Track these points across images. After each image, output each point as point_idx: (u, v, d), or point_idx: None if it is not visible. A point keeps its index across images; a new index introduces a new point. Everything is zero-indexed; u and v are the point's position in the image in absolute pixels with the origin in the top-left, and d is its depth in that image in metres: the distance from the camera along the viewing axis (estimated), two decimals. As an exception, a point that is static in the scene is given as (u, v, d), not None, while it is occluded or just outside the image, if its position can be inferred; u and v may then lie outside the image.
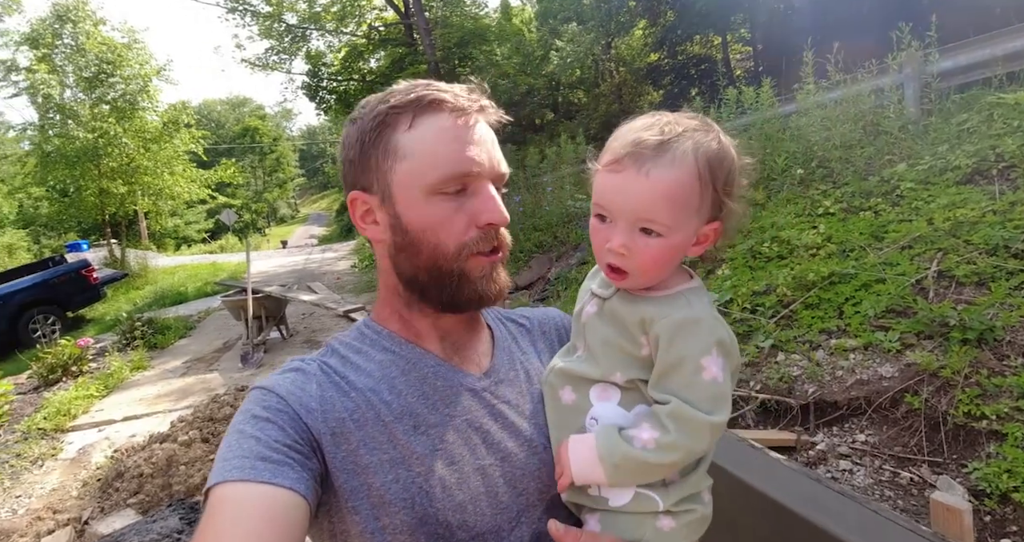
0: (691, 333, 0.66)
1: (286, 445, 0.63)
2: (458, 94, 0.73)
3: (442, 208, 0.71)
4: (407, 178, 0.72)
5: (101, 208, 15.88)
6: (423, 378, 0.75)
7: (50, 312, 10.24)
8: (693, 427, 0.64)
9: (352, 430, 0.69)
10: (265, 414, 0.66)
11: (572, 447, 0.71)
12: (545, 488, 0.75)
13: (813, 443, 2.79)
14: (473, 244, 0.72)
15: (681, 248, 0.70)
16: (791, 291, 3.62)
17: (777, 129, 5.27)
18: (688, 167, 0.66)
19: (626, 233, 0.68)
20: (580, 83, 17.36)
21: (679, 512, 0.70)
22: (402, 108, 0.72)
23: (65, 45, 14.97)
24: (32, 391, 6.82)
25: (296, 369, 0.75)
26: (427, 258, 0.73)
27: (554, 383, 0.78)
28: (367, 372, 0.75)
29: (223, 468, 0.60)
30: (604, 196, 0.70)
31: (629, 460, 0.66)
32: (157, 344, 8.65)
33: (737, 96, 5.85)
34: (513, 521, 0.72)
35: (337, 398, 0.71)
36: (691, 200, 0.67)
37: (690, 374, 0.65)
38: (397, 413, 0.71)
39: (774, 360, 3.31)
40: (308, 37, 13.48)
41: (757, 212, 4.85)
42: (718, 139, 0.69)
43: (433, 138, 0.71)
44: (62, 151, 14.41)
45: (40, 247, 24.09)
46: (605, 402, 0.73)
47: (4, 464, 4.74)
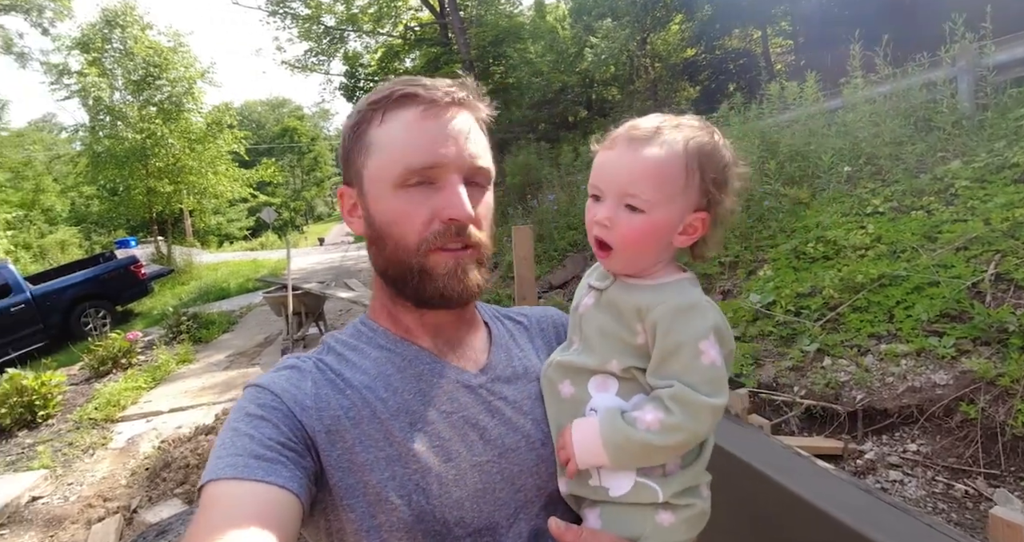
0: (688, 318, 0.68)
1: (280, 443, 0.63)
2: (432, 88, 0.73)
3: (406, 201, 0.71)
4: (376, 172, 0.73)
5: (148, 206, 16.47)
6: (419, 375, 0.75)
7: (100, 306, 10.66)
8: (696, 409, 0.66)
9: (348, 428, 0.69)
10: (259, 412, 0.66)
11: (576, 430, 0.72)
12: (543, 484, 0.75)
13: (861, 452, 2.70)
14: (434, 238, 0.71)
15: (664, 230, 0.71)
16: (838, 293, 3.50)
17: (822, 125, 5.11)
18: (675, 150, 0.70)
19: (612, 207, 0.71)
20: (614, 80, 17.14)
21: (679, 506, 0.71)
22: (377, 103, 0.73)
23: (114, 49, 15.56)
24: (84, 382, 7.13)
25: (292, 367, 0.75)
26: (391, 252, 0.74)
27: (552, 377, 0.78)
28: (363, 369, 0.75)
29: (217, 466, 0.60)
30: (597, 172, 0.74)
31: (632, 442, 0.67)
32: (202, 338, 8.93)
33: (780, 91, 5.69)
34: (511, 517, 0.71)
35: (333, 396, 0.71)
36: (675, 181, 0.70)
37: (689, 358, 0.67)
38: (393, 410, 0.71)
39: (820, 365, 3.22)
40: (346, 38, 13.71)
41: (801, 211, 4.72)
42: (713, 136, 0.73)
43: (399, 131, 0.71)
44: (111, 151, 15.00)
45: (91, 243, 25.13)
46: (603, 393, 0.73)
47: (57, 452, 4.96)
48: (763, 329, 3.77)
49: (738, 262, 4.81)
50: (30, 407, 5.67)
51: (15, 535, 3.70)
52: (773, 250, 4.52)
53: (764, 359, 3.58)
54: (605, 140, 0.75)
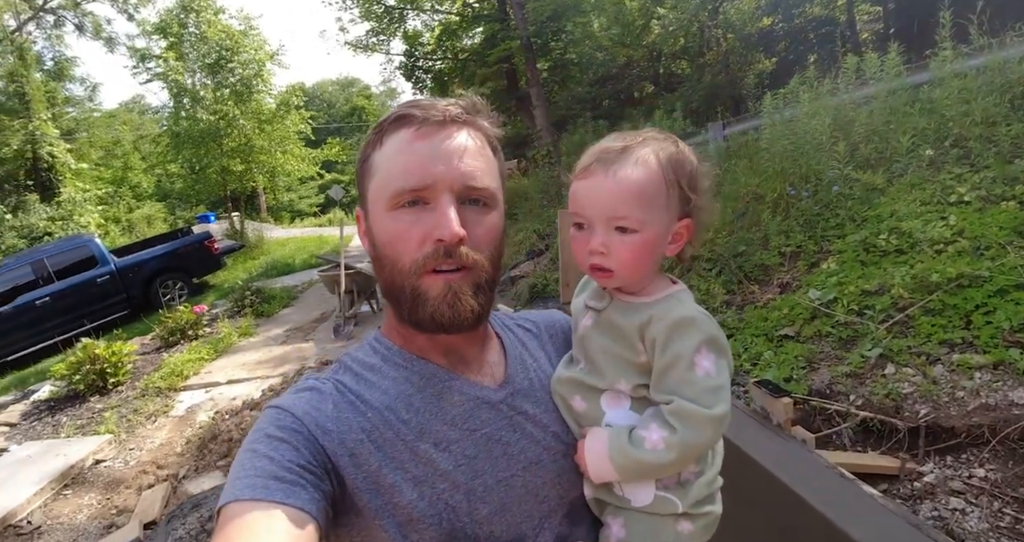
0: (684, 332, 0.70)
1: (299, 466, 0.63)
2: (429, 108, 0.73)
3: (400, 222, 0.72)
4: (374, 194, 0.75)
5: (223, 184, 17.35)
6: (439, 394, 0.75)
7: (178, 278, 11.35)
8: (696, 422, 0.68)
9: (372, 451, 0.70)
10: (280, 434, 0.67)
11: (587, 450, 0.75)
12: (565, 493, 0.78)
13: (920, 473, 2.41)
14: (424, 261, 0.71)
15: (657, 244, 0.74)
16: (909, 293, 3.15)
17: (904, 102, 4.58)
18: (651, 166, 0.72)
19: (603, 233, 0.73)
20: (683, 53, 16.32)
21: (696, 515, 0.75)
22: (380, 126, 0.76)
23: (189, 34, 16.29)
24: (154, 352, 7.61)
25: (311, 388, 0.75)
26: (388, 273, 0.74)
27: (563, 393, 0.80)
28: (382, 389, 0.75)
29: (235, 487, 0.60)
30: (578, 202, 0.75)
31: (640, 463, 0.70)
32: (264, 312, 9.33)
33: (857, 64, 5.15)
34: (536, 528, 0.74)
35: (353, 418, 0.71)
36: (658, 196, 0.72)
37: (684, 371, 0.69)
38: (417, 432, 0.72)
39: (881, 372, 2.91)
40: (405, 17, 13.69)
41: (875, 198, 4.28)
42: (676, 144, 0.76)
43: (393, 152, 0.73)
44: (189, 132, 15.80)
45: (175, 218, 26.83)
46: (617, 409, 0.76)
47: (122, 418, 5.31)
48: (820, 329, 3.46)
49: (800, 252, 4.44)
50: (102, 374, 6.10)
51: (76, 495, 3.98)
52: (840, 241, 4.13)
53: (819, 362, 3.29)
54: (576, 169, 0.76)
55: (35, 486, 4.10)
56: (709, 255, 5.14)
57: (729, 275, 4.72)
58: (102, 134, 23.68)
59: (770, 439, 2.22)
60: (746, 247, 4.82)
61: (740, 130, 7.25)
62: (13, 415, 6.11)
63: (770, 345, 3.60)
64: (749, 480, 2.06)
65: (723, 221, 5.36)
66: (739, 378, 3.55)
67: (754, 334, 3.80)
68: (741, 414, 2.30)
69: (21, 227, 15.86)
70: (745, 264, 4.67)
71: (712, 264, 5.03)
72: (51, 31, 21.89)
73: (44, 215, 16.46)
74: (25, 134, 17.04)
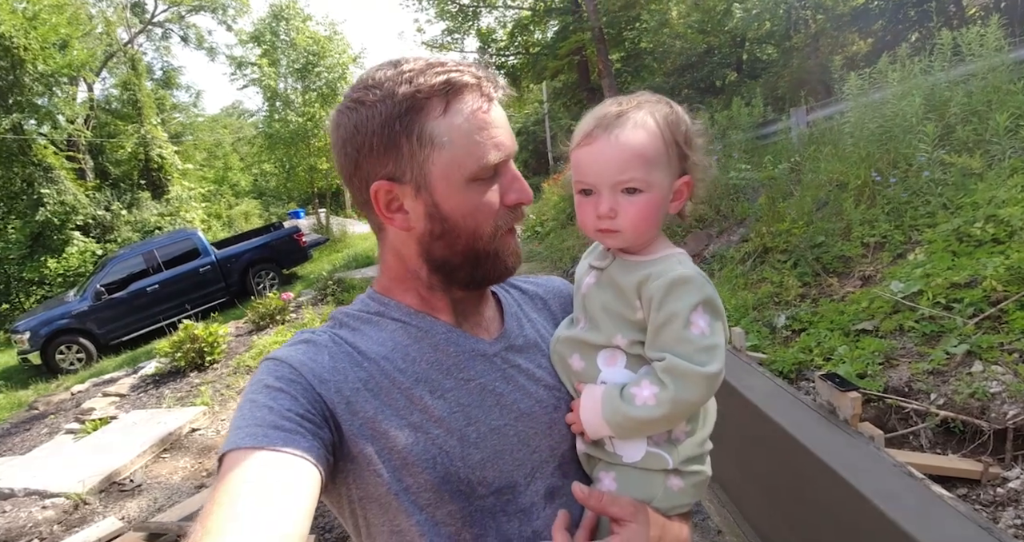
0: (681, 291, 0.71)
1: (298, 414, 0.64)
2: (479, 75, 0.73)
3: (479, 193, 0.73)
4: (446, 168, 0.71)
5: (311, 182, 18.35)
6: (435, 345, 0.77)
7: (270, 269, 12.14)
8: (689, 379, 0.69)
9: (368, 398, 0.71)
10: (278, 384, 0.67)
11: (582, 407, 0.77)
12: (556, 445, 0.79)
13: (1005, 478, 2.23)
14: (504, 223, 0.75)
15: (662, 202, 0.76)
16: (1003, 286, 2.89)
17: (1007, 80, 4.16)
18: (650, 127, 0.74)
19: (610, 197, 0.74)
20: (769, 37, 15.48)
21: (687, 473, 0.77)
22: (431, 92, 0.69)
23: (281, 41, 17.35)
24: (246, 334, 8.22)
25: (306, 341, 0.76)
26: (465, 243, 0.75)
27: (561, 352, 0.82)
28: (379, 341, 0.76)
29: (236, 436, 0.62)
30: (582, 169, 0.76)
31: (631, 419, 0.72)
32: (344, 301, 9.81)
33: (954, 40, 4.73)
34: (528, 477, 0.76)
35: (350, 368, 0.73)
36: (659, 156, 0.74)
37: (680, 328, 0.70)
38: (412, 379, 0.74)
39: (967, 370, 2.69)
40: (479, 15, 13.89)
41: (970, 184, 3.92)
42: (669, 105, 0.78)
43: (468, 125, 0.70)
44: (280, 133, 16.84)
45: (269, 214, 28.68)
46: (612, 367, 0.78)
47: (216, 393, 5.80)
48: (902, 323, 3.24)
49: (884, 243, 4.15)
50: (200, 353, 6.68)
51: (174, 459, 4.42)
52: (930, 230, 3.82)
53: (899, 358, 3.08)
54: (576, 138, 0.78)
55: (138, 449, 4.59)
56: (784, 246, 4.91)
57: (805, 267, 4.50)
58: (205, 137, 25.76)
59: (834, 435, 2.13)
60: (825, 238, 4.57)
61: (825, 115, 6.84)
62: (123, 387, 6.84)
63: (845, 340, 3.40)
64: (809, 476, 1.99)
65: (800, 211, 5.10)
66: (809, 373, 3.38)
67: (828, 328, 3.61)
68: (805, 409, 2.22)
69: (135, 222, 17.53)
70: (824, 256, 4.43)
71: (787, 256, 4.80)
72: (159, 43, 24.05)
73: (155, 211, 18.10)
74: (138, 138, 18.75)
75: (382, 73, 0.72)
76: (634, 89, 4.39)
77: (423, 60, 0.72)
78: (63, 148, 17.25)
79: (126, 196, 18.01)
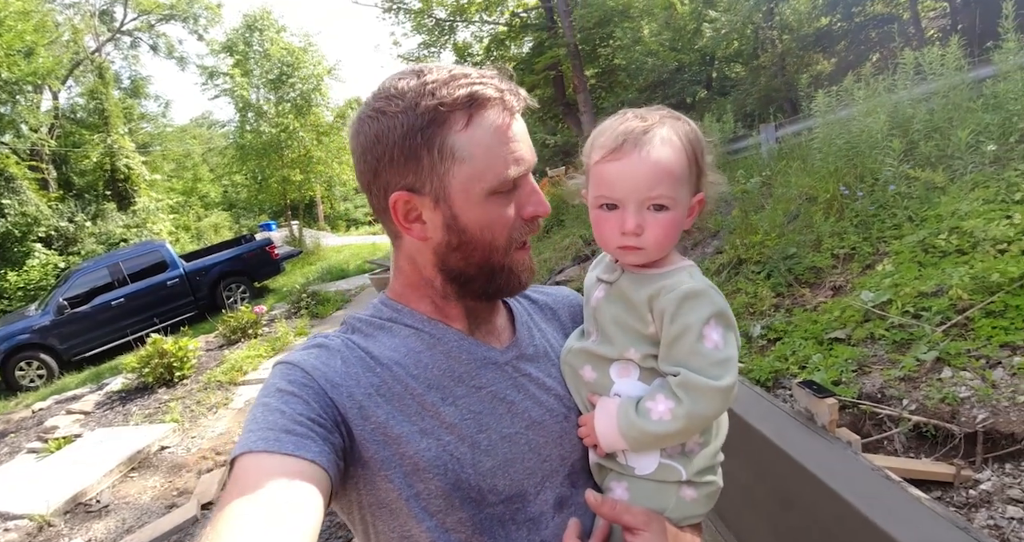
0: (693, 304, 0.71)
1: (310, 419, 0.65)
2: (502, 88, 0.72)
3: (497, 206, 0.73)
4: (467, 182, 0.71)
5: (283, 193, 18.12)
6: (448, 353, 0.77)
7: (241, 282, 11.92)
8: (703, 394, 0.69)
9: (380, 403, 0.71)
10: (290, 388, 0.68)
11: (597, 421, 0.76)
12: (566, 454, 0.80)
13: (976, 481, 2.29)
14: (518, 236, 0.76)
15: (683, 218, 0.76)
16: (968, 294, 3.00)
17: (966, 97, 4.37)
18: (676, 145, 0.74)
19: (637, 213, 0.74)
20: (737, 56, 15.94)
21: (700, 483, 0.77)
22: (453, 105, 0.69)
23: (254, 51, 17.21)
24: (217, 349, 8.03)
25: (319, 345, 0.76)
26: (481, 255, 0.75)
27: (573, 363, 0.82)
28: (391, 347, 0.77)
29: (248, 439, 0.62)
30: (610, 184, 0.75)
31: (647, 434, 0.72)
32: (318, 314, 9.69)
33: (916, 59, 4.94)
34: (538, 486, 0.76)
35: (362, 373, 0.73)
36: (684, 174, 0.74)
37: (693, 342, 0.70)
38: (425, 385, 0.74)
39: (937, 376, 2.78)
40: (455, 29, 14.01)
41: (934, 197, 4.08)
42: (687, 122, 0.78)
43: (490, 140, 0.70)
44: (252, 144, 16.62)
45: (240, 226, 28.16)
46: (626, 378, 0.77)
47: (186, 409, 5.63)
48: (873, 332, 3.33)
49: (854, 254, 4.28)
50: (169, 368, 6.49)
51: (142, 478, 4.27)
52: (897, 242, 3.96)
53: (871, 366, 3.16)
54: (599, 152, 0.76)
55: (105, 468, 4.42)
56: (758, 257, 5.02)
57: (778, 278, 4.60)
58: (174, 147, 25.24)
59: (813, 441, 2.16)
60: (797, 249, 4.69)
61: (793, 131, 7.06)
62: (88, 404, 6.60)
63: (819, 348, 3.49)
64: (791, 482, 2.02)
65: (772, 223, 5.23)
66: (785, 381, 3.45)
67: (803, 337, 3.69)
68: (784, 416, 2.25)
69: (99, 234, 17.04)
70: (796, 267, 4.54)
71: (760, 267, 4.91)
72: (128, 51, 23.60)
73: (120, 223, 17.61)
74: (104, 148, 18.31)
75: (405, 83, 0.71)
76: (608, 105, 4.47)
77: (447, 70, 0.72)
78: (26, 158, 16.77)
79: (91, 207, 17.51)
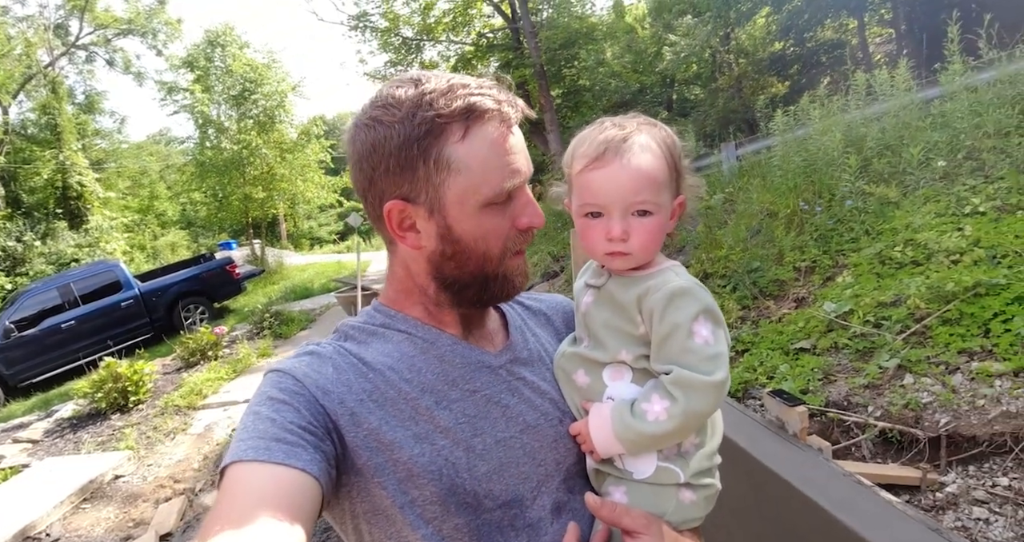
0: (681, 302, 0.72)
1: (300, 427, 0.64)
2: (500, 99, 0.72)
3: (492, 217, 0.73)
4: (462, 193, 0.71)
5: (245, 211, 17.74)
6: (441, 357, 0.77)
7: (199, 302, 11.54)
8: (697, 390, 0.69)
9: (373, 409, 0.70)
10: (281, 396, 0.67)
11: (592, 426, 0.76)
12: (561, 459, 0.79)
13: (942, 484, 2.36)
14: (513, 246, 0.76)
15: (666, 221, 0.78)
16: (925, 303, 3.12)
17: (916, 117, 4.60)
18: (656, 151, 0.76)
19: (622, 220, 0.75)
20: (696, 78, 16.51)
21: (698, 486, 0.76)
22: (451, 117, 0.69)
23: (215, 67, 16.93)
24: (175, 372, 7.72)
25: (311, 353, 0.75)
26: (475, 264, 0.75)
27: (566, 367, 0.82)
28: (384, 352, 0.76)
29: (239, 448, 0.61)
30: (594, 191, 0.76)
31: (644, 435, 0.72)
32: (282, 334, 9.44)
33: (867, 81, 5.20)
34: (534, 490, 0.75)
35: (354, 379, 0.72)
36: (665, 178, 0.76)
37: (684, 339, 0.71)
38: (419, 390, 0.73)
39: (899, 383, 2.87)
40: (422, 48, 14.08)
41: (889, 212, 4.27)
42: (664, 128, 0.80)
43: (486, 152, 0.70)
44: (213, 161, 16.26)
45: (198, 245, 27.37)
46: (619, 381, 0.77)
47: (142, 435, 5.38)
48: (837, 341, 3.43)
49: (815, 267, 4.43)
50: (124, 393, 6.20)
51: (95, 509, 4.03)
52: (855, 254, 4.11)
53: (836, 375, 3.25)
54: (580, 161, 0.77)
55: (55, 500, 4.16)
56: (723, 271, 5.14)
57: (744, 291, 4.71)
58: (130, 164, 24.46)
59: (786, 448, 2.19)
60: (760, 263, 4.81)
61: (753, 150, 7.30)
62: (36, 432, 6.24)
63: (786, 358, 3.56)
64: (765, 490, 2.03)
65: (736, 238, 5.37)
66: (755, 391, 3.51)
67: (769, 348, 3.76)
68: (756, 425, 2.28)
69: (50, 254, 16.31)
70: (760, 280, 4.66)
71: (726, 281, 5.02)
72: (83, 66, 22.92)
73: (72, 242, 16.91)
74: (56, 164, 17.63)
75: (402, 91, 0.71)
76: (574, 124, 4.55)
77: (445, 79, 0.71)
78: (-30, 175, 15.99)
79: (40, 226, 16.78)
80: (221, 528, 0.53)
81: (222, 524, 0.54)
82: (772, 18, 13.23)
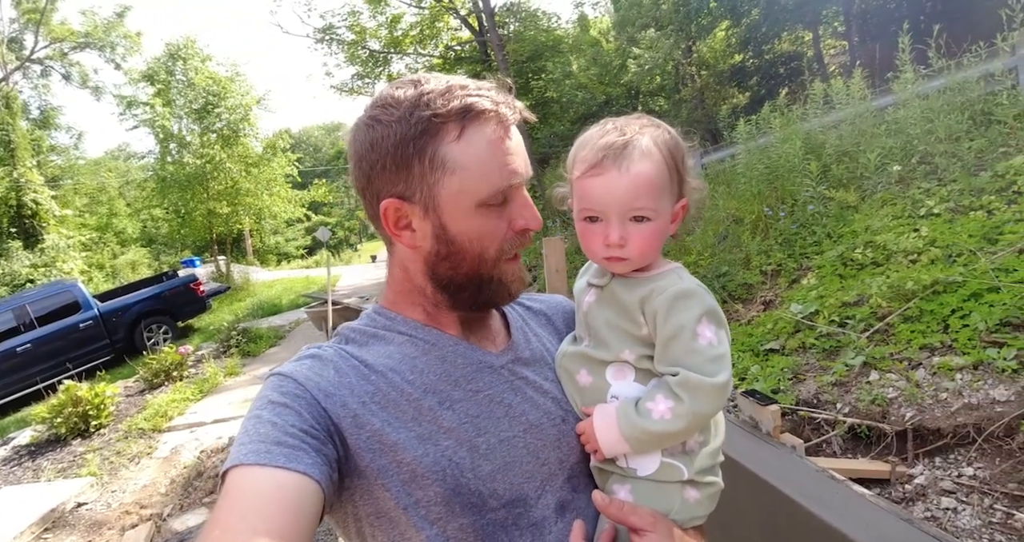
0: (685, 304, 0.72)
1: (302, 430, 0.64)
2: (497, 100, 0.72)
3: (487, 218, 0.73)
4: (457, 193, 0.72)
5: (209, 227, 17.32)
6: (443, 357, 0.77)
7: (163, 322, 11.18)
8: (702, 391, 0.70)
9: (376, 411, 0.70)
10: (282, 399, 0.67)
11: (596, 425, 0.76)
12: (564, 458, 0.79)
13: (911, 476, 2.43)
14: (509, 248, 0.76)
15: (666, 227, 0.77)
16: (887, 302, 3.23)
17: (871, 124, 4.79)
18: (655, 155, 0.75)
19: (620, 225, 0.75)
20: (660, 90, 16.90)
21: (702, 483, 0.77)
22: (447, 116, 0.70)
23: (177, 81, 16.59)
24: (138, 394, 7.45)
25: (313, 356, 0.75)
26: (470, 266, 0.75)
27: (568, 367, 0.82)
28: (386, 354, 0.76)
29: (240, 451, 0.61)
30: (593, 198, 0.76)
31: (650, 433, 0.72)
32: (250, 352, 9.21)
33: (824, 90, 5.40)
34: (538, 489, 0.75)
35: (356, 381, 0.72)
36: (665, 184, 0.75)
37: (688, 341, 0.71)
38: (421, 390, 0.73)
39: (865, 380, 2.95)
40: (389, 61, 14.10)
41: (849, 215, 4.42)
42: (668, 130, 0.78)
43: (482, 152, 0.71)
44: (175, 176, 15.87)
45: (160, 263, 26.60)
46: (622, 380, 0.77)
47: (105, 461, 5.16)
48: (804, 341, 3.52)
49: (780, 270, 4.55)
50: (84, 417, 5.95)
51: (57, 538, 3.84)
52: (818, 257, 4.24)
53: (805, 373, 3.33)
54: (580, 166, 0.77)
55: (13, 531, 3.95)
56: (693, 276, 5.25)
57: (713, 295, 4.81)
58: (87, 181, 23.75)
59: (760, 447, 2.23)
60: (728, 268, 4.92)
61: (717, 158, 7.49)
62: (-9, 462, 5.92)
63: (756, 359, 3.64)
64: (742, 488, 2.07)
65: (704, 244, 5.48)
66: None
67: (740, 350, 3.84)
68: (730, 425, 2.32)
69: (3, 275, 15.66)
70: (728, 284, 4.76)
71: (697, 286, 5.12)
72: (38, 80, 22.24)
73: (27, 262, 16.25)
74: (9, 182, 17.00)
75: (402, 92, 0.72)
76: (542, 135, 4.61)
77: (444, 81, 0.72)
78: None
79: (-9, 246, 16.10)
80: (221, 532, 0.54)
81: (222, 528, 0.54)
82: (732, 31, 13.66)
